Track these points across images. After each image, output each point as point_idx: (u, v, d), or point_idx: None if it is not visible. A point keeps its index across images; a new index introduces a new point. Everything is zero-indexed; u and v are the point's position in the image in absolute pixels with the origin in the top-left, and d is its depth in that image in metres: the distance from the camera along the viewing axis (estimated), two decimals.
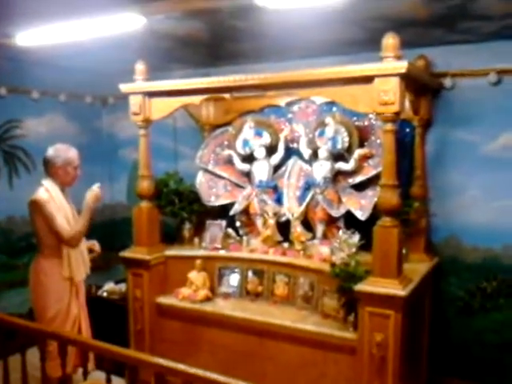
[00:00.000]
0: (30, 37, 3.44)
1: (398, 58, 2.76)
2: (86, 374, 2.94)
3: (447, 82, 3.63)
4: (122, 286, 4.26)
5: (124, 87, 3.76)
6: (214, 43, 3.75)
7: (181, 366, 2.43)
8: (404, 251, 3.19)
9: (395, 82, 2.76)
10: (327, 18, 3.04)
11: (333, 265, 3.22)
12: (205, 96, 3.60)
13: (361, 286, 2.90)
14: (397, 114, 2.83)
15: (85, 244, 3.56)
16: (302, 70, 3.09)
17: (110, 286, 4.50)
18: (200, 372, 2.36)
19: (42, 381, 3.06)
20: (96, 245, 3.66)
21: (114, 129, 5.41)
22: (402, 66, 2.72)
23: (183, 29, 3.44)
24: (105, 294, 4.39)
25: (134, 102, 3.73)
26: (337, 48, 3.69)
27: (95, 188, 3.42)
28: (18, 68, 4.47)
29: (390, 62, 2.75)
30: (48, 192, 3.31)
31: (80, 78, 4.86)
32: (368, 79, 2.83)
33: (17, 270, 4.41)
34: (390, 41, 2.77)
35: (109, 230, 5.18)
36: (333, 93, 3.08)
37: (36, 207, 3.24)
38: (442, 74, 3.63)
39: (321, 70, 3.00)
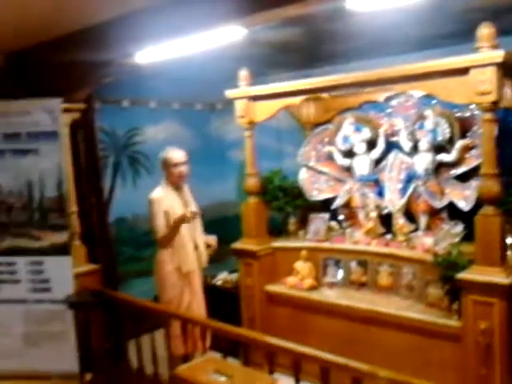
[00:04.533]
0: (146, 55, 3.84)
1: (494, 47, 2.78)
2: (204, 350, 3.28)
3: None
4: (234, 276, 4.61)
5: (230, 93, 4.10)
6: (311, 46, 3.96)
7: (290, 345, 2.66)
8: (509, 240, 3.18)
9: (492, 72, 2.79)
10: (419, 13, 3.12)
11: (435, 254, 3.28)
12: (304, 97, 3.82)
13: (463, 275, 2.95)
14: (495, 103, 2.85)
15: (202, 238, 3.95)
16: (397, 65, 3.21)
17: (223, 275, 4.88)
18: (308, 350, 2.58)
19: (168, 358, 3.46)
20: (213, 240, 4.01)
21: (222, 132, 5.80)
22: (499, 55, 2.75)
23: (281, 36, 3.70)
24: (219, 283, 4.78)
25: (239, 106, 4.05)
26: (430, 42, 3.73)
27: (188, 211, 3.73)
28: (138, 82, 4.98)
29: (486, 52, 2.78)
30: (161, 191, 3.74)
31: (190, 88, 5.31)
32: (463, 71, 2.89)
33: (142, 261, 4.93)
34: (485, 31, 2.80)
35: (221, 226, 5.56)
36: (428, 86, 3.16)
37: (149, 205, 3.68)
38: None
39: (415, 64, 3.11)
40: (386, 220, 3.96)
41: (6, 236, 4.04)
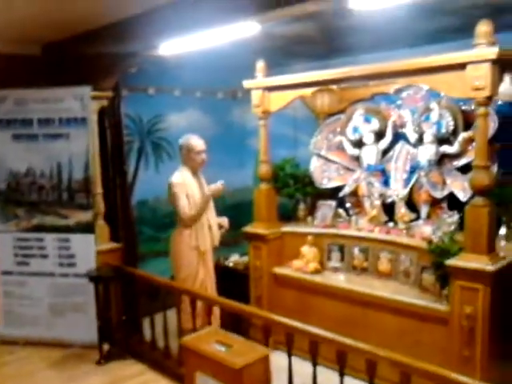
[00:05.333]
0: (169, 47, 4.09)
1: (491, 44, 2.89)
2: (209, 324, 3.55)
3: None
4: (245, 258, 4.85)
5: (246, 83, 4.31)
6: (323, 40, 4.13)
7: (284, 320, 2.91)
8: (503, 231, 3.31)
9: (487, 68, 2.90)
10: (423, 9, 3.25)
11: (430, 242, 3.44)
12: (315, 88, 4.00)
13: (452, 261, 3.10)
14: (489, 98, 2.97)
15: (215, 219, 4.22)
16: (402, 59, 3.35)
17: (235, 257, 5.14)
18: (299, 325, 2.84)
19: (178, 330, 3.75)
20: (225, 221, 4.29)
21: (243, 120, 6.03)
22: (493, 52, 2.86)
23: (295, 30, 3.88)
24: (231, 264, 5.04)
25: (255, 96, 4.26)
26: (436, 36, 3.84)
27: (219, 184, 4.02)
28: (163, 71, 5.26)
29: (481, 49, 2.90)
30: (181, 175, 4.00)
31: (212, 77, 5.55)
32: (461, 66, 3.01)
33: (161, 242, 5.24)
34: (483, 28, 2.91)
35: (238, 211, 5.82)
36: (429, 80, 3.29)
37: (169, 187, 3.95)
38: None
39: (417, 59, 3.25)
40: (389, 208, 4.12)
41: (37, 214, 4.43)
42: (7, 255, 4.44)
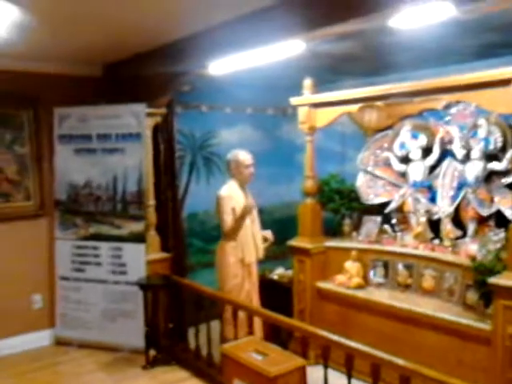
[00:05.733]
0: (218, 66, 4.27)
1: None
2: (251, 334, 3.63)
3: None
4: (290, 272, 4.91)
5: (294, 100, 4.42)
6: (369, 57, 4.18)
7: (320, 332, 2.96)
8: None
9: None
10: (469, 25, 3.25)
11: (473, 259, 3.38)
12: (360, 105, 4.05)
13: (494, 279, 3.04)
14: None
15: (260, 233, 4.32)
16: (448, 75, 3.36)
17: (280, 270, 5.20)
18: (335, 337, 2.91)
19: (220, 337, 3.86)
20: (270, 234, 4.39)
21: (292, 136, 6.12)
22: None
23: (341, 48, 3.97)
24: (275, 277, 5.11)
25: (302, 112, 4.36)
26: (480, 52, 3.80)
27: (248, 202, 4.15)
28: (215, 89, 5.45)
29: None
30: (229, 189, 4.14)
31: (263, 94, 5.71)
32: (506, 82, 2.99)
33: (210, 254, 5.36)
34: None
35: (286, 225, 5.87)
36: (474, 96, 3.29)
37: (218, 201, 4.10)
38: None
39: (461, 76, 3.25)
40: (435, 225, 4.07)
41: (93, 223, 4.69)
42: (65, 262, 4.73)
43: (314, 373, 3.19)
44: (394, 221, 4.40)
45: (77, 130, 4.77)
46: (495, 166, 3.80)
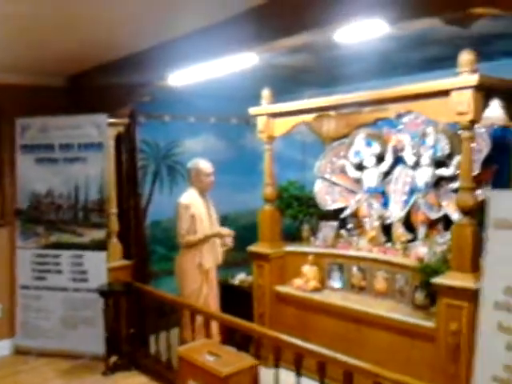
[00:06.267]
0: (177, 77, 4.35)
1: (473, 71, 3.03)
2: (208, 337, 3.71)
3: None
4: (251, 277, 5.00)
5: (252, 110, 4.54)
6: (322, 69, 4.36)
7: (271, 332, 3.05)
8: None
9: (469, 94, 3.04)
10: (410, 40, 3.43)
11: (420, 261, 3.53)
12: (315, 114, 4.19)
13: (437, 279, 3.19)
14: (472, 122, 3.10)
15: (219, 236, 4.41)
16: (398, 86, 3.52)
17: (242, 276, 5.29)
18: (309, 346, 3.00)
19: (179, 342, 3.93)
20: (227, 231, 4.46)
21: (256, 144, 6.22)
22: (474, 80, 3.00)
23: (295, 60, 4.13)
24: (236, 282, 5.20)
25: (260, 122, 4.49)
26: (423, 65, 4.00)
27: (231, 231, 4.36)
28: (178, 99, 5.53)
29: (463, 76, 3.05)
30: (189, 196, 4.22)
31: (226, 104, 5.82)
32: (446, 92, 3.16)
33: (173, 261, 5.43)
34: (465, 57, 3.06)
35: (250, 232, 5.98)
36: (418, 106, 3.45)
37: (176, 208, 4.17)
38: None
39: (406, 87, 3.42)
40: (389, 229, 4.22)
41: (54, 232, 4.71)
42: (26, 270, 4.73)
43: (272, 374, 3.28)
44: (350, 225, 4.55)
45: (39, 139, 4.80)
46: (443, 172, 3.98)
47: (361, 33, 2.86)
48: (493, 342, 2.09)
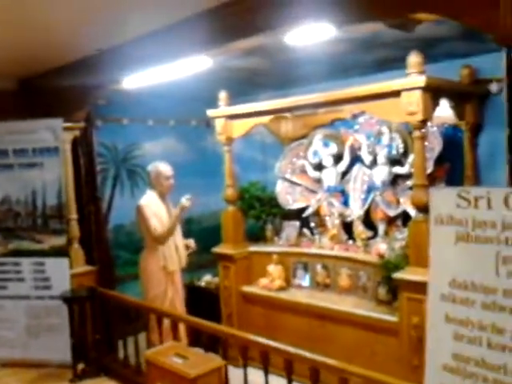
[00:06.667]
0: (131, 81, 4.33)
1: (421, 73, 3.16)
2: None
3: (493, 87, 3.86)
4: (217, 279, 5.04)
5: (210, 112, 4.57)
6: (276, 71, 4.46)
7: (235, 331, 3.11)
8: None
9: (418, 95, 3.17)
10: (360, 42, 3.55)
11: (381, 257, 3.66)
12: (271, 116, 4.26)
13: (398, 275, 3.32)
14: (422, 122, 3.23)
15: (182, 241, 4.43)
16: (352, 87, 3.62)
17: (208, 277, 5.33)
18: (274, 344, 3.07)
19: (147, 346, 3.93)
20: (192, 242, 4.51)
21: (217, 146, 6.25)
22: (422, 81, 3.13)
23: (249, 63, 4.20)
24: (203, 284, 5.23)
25: (219, 124, 4.53)
26: (375, 67, 4.14)
27: (184, 200, 4.23)
28: (135, 102, 5.47)
29: (412, 77, 3.17)
30: (149, 198, 4.22)
31: (185, 106, 5.82)
32: (396, 93, 3.27)
33: (137, 265, 5.41)
34: (413, 59, 3.18)
35: (214, 234, 6.00)
36: (369, 106, 3.56)
37: (138, 210, 4.17)
38: (488, 80, 3.86)
39: (356, 88, 3.52)
40: (350, 227, 4.34)
41: (13, 239, 4.62)
42: None
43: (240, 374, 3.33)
44: (312, 224, 4.64)
45: None
46: (399, 170, 4.12)
47: (310, 35, 2.96)
48: (441, 332, 2.23)
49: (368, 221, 4.30)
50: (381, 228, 4.20)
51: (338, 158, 4.53)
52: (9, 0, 2.80)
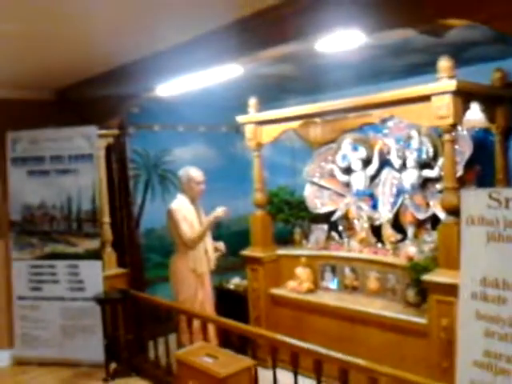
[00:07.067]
0: (165, 89, 4.43)
1: (452, 77, 3.17)
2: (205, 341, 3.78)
3: None
4: (246, 281, 5.09)
5: (240, 119, 4.65)
6: (307, 77, 4.49)
7: (266, 332, 3.14)
8: None
9: (448, 99, 3.18)
10: (392, 48, 3.56)
11: (410, 260, 3.65)
12: (301, 121, 4.31)
13: (427, 277, 3.32)
14: (453, 125, 3.23)
15: (212, 244, 4.50)
16: (381, 92, 3.64)
17: (236, 280, 5.39)
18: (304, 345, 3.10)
19: (177, 346, 4.00)
20: (221, 245, 4.57)
21: (246, 152, 6.33)
22: (452, 85, 3.14)
23: (277, 70, 4.26)
24: (231, 287, 5.29)
25: (248, 130, 4.60)
26: (406, 71, 4.15)
27: (219, 210, 4.33)
28: (166, 109, 5.61)
29: (443, 82, 3.19)
30: (179, 202, 4.31)
31: (216, 113, 5.93)
32: (427, 98, 3.29)
33: (167, 267, 5.51)
34: (444, 63, 3.20)
35: (243, 237, 6.06)
36: (400, 111, 3.58)
37: (169, 214, 4.26)
38: None
39: (388, 93, 3.55)
40: (379, 230, 4.34)
41: (49, 242, 4.77)
42: (22, 281, 4.77)
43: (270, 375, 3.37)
44: (340, 228, 4.66)
45: (29, 152, 4.85)
46: (428, 173, 4.12)
47: (340, 42, 2.99)
48: (472, 329, 2.25)
49: (397, 224, 4.30)
50: (410, 231, 4.19)
51: (366, 162, 4.55)
52: (49, 15, 2.92)
